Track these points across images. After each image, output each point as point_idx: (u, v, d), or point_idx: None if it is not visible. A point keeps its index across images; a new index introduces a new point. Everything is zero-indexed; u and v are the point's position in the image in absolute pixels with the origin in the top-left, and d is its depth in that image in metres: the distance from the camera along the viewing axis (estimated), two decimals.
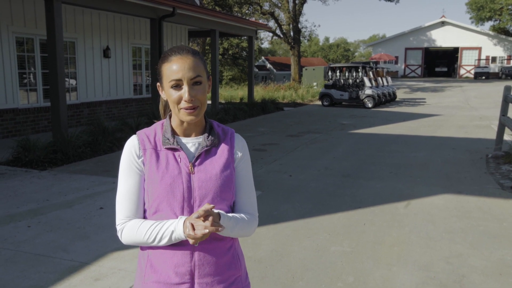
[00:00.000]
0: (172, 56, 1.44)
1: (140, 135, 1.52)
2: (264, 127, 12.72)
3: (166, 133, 1.50)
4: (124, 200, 1.48)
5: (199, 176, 1.46)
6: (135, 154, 1.48)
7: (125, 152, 1.51)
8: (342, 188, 6.17)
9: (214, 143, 1.51)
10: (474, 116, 15.55)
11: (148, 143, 1.49)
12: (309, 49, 72.02)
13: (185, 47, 1.47)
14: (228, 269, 1.50)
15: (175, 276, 1.44)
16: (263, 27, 18.73)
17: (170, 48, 1.50)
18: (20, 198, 5.53)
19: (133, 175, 1.48)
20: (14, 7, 9.91)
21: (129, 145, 1.51)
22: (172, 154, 1.48)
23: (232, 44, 40.48)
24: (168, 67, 1.43)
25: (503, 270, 3.66)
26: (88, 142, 8.33)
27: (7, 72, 9.83)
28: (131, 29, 13.66)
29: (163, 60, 1.47)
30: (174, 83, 1.42)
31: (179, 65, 1.42)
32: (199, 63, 1.45)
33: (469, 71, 42.54)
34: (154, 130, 1.53)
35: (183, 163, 1.46)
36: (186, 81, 1.41)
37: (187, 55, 1.44)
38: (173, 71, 1.42)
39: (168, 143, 1.48)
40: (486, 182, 6.47)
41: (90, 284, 3.40)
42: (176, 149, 1.48)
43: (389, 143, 9.87)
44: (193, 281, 1.45)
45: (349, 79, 20.68)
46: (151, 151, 1.48)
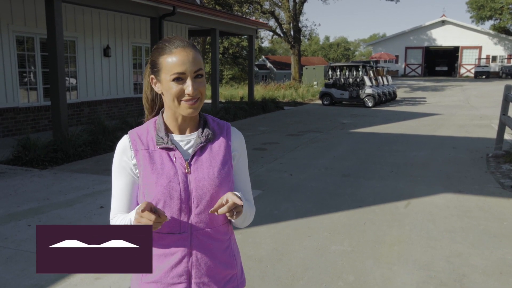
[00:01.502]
0: (172, 47, 1.40)
1: (131, 135, 1.49)
2: (264, 126, 12.72)
3: (159, 132, 1.46)
4: (115, 199, 1.49)
5: (196, 176, 1.43)
6: (127, 155, 1.46)
7: (117, 153, 1.48)
8: (342, 187, 6.17)
9: (209, 139, 1.47)
10: (475, 115, 15.54)
11: (140, 144, 1.46)
12: (310, 48, 71.99)
13: (183, 39, 1.43)
14: (225, 268, 1.50)
15: (171, 276, 1.43)
16: (263, 26, 18.73)
17: (166, 39, 1.45)
18: (21, 197, 5.53)
19: (124, 176, 1.47)
20: (15, 6, 9.90)
21: (120, 146, 1.48)
22: (167, 154, 1.44)
23: (232, 43, 40.49)
24: (169, 59, 1.39)
25: (504, 269, 3.66)
26: (89, 141, 8.33)
27: (7, 71, 9.83)
28: (132, 28, 13.66)
29: (161, 51, 1.41)
30: (176, 76, 1.38)
31: (182, 58, 1.38)
32: (199, 55, 1.43)
33: (470, 70, 42.54)
34: (147, 129, 1.49)
35: (178, 163, 1.43)
36: (189, 74, 1.38)
37: (188, 47, 1.40)
38: (176, 64, 1.37)
39: (162, 143, 1.44)
40: (486, 181, 6.46)
41: (91, 283, 3.40)
42: (170, 148, 1.44)
43: (390, 142, 9.87)
44: (190, 281, 1.44)
45: (349, 78, 20.66)
46: (144, 152, 1.44)
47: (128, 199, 1.48)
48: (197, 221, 1.42)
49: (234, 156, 1.52)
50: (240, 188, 1.55)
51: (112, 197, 1.51)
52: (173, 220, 1.42)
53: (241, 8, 30.05)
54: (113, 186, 1.50)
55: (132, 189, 1.48)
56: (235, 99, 21.06)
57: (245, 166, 1.58)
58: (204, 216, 1.43)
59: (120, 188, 1.48)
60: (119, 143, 1.49)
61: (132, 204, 1.49)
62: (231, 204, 1.33)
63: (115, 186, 1.49)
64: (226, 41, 39.58)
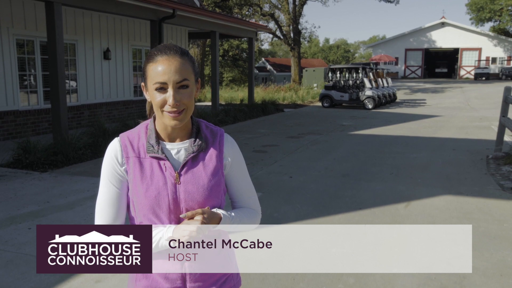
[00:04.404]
0: (158, 56, 1.35)
1: (122, 139, 1.45)
2: (264, 128, 12.72)
3: (150, 139, 1.42)
4: (105, 205, 1.43)
5: (186, 187, 1.40)
6: (118, 161, 1.42)
7: (107, 157, 1.44)
8: (342, 190, 6.17)
9: (202, 148, 1.44)
10: (475, 117, 15.54)
11: (131, 151, 1.42)
12: (309, 50, 72.07)
13: (173, 47, 1.38)
14: (220, 269, 1.49)
15: (166, 281, 1.43)
16: (263, 29, 18.74)
17: (157, 46, 1.41)
18: (21, 200, 5.53)
19: (115, 182, 1.43)
20: (15, 9, 9.92)
21: (111, 150, 1.44)
22: (157, 163, 1.41)
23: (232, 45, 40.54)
24: (153, 67, 1.35)
25: (504, 271, 3.65)
26: (89, 144, 8.33)
27: (7, 74, 9.84)
28: (131, 31, 13.68)
29: (148, 59, 1.38)
30: (158, 85, 1.34)
31: (165, 67, 1.33)
32: (187, 64, 1.37)
33: (469, 72, 42.54)
34: (138, 134, 1.45)
35: (168, 173, 1.40)
36: (171, 84, 1.33)
37: (174, 56, 1.35)
38: (158, 73, 1.33)
39: (152, 151, 1.41)
40: (486, 183, 6.46)
41: (91, 286, 3.40)
42: (161, 158, 1.41)
43: (390, 144, 9.87)
44: (184, 285, 1.44)
45: (349, 80, 20.68)
46: (134, 160, 1.41)
47: (119, 207, 1.44)
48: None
49: (225, 165, 1.49)
50: (238, 194, 1.54)
51: (99, 205, 1.45)
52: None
53: (241, 10, 30.10)
54: (102, 192, 1.44)
55: (123, 196, 1.44)
56: (235, 101, 21.07)
57: (242, 171, 1.54)
58: None
59: (111, 195, 1.43)
60: (109, 147, 1.45)
61: (121, 213, 1.44)
62: (190, 229, 1.31)
63: (104, 193, 1.44)
64: (226, 44, 39.63)
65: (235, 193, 1.55)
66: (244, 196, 1.55)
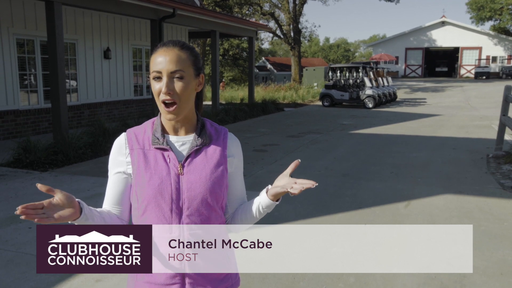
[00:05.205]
0: (159, 48, 1.43)
1: (129, 133, 1.51)
2: (264, 127, 12.72)
3: (156, 132, 1.48)
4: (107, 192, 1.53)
5: (188, 177, 1.44)
6: (122, 153, 1.49)
7: (113, 150, 1.52)
8: (342, 189, 6.17)
9: (206, 142, 1.49)
10: (475, 116, 15.54)
11: (136, 143, 1.48)
12: (310, 49, 72.04)
13: (176, 41, 1.45)
14: (219, 268, 1.51)
15: (165, 277, 1.45)
16: (263, 28, 18.74)
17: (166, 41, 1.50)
18: (21, 199, 5.53)
19: (117, 173, 1.50)
20: (15, 8, 9.92)
21: (116, 143, 1.51)
22: (161, 154, 1.46)
23: (232, 45, 40.52)
24: (154, 58, 1.42)
25: (504, 270, 3.66)
26: (89, 143, 8.33)
27: (7, 74, 9.84)
28: (132, 30, 13.68)
29: (152, 51, 1.47)
30: (155, 74, 1.41)
31: (162, 56, 1.40)
32: (185, 57, 1.42)
33: (470, 71, 42.52)
34: (144, 129, 1.51)
35: (172, 164, 1.44)
36: (165, 73, 1.39)
37: (173, 47, 1.42)
38: (156, 63, 1.41)
39: (157, 143, 1.46)
40: (486, 182, 6.46)
41: (91, 285, 3.40)
42: (165, 149, 1.46)
43: (390, 144, 9.87)
44: (183, 281, 1.46)
45: (349, 80, 20.67)
46: (139, 151, 1.46)
47: (118, 194, 1.50)
48: (188, 222, 1.43)
49: (230, 162, 1.53)
50: (236, 194, 1.58)
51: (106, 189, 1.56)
52: (164, 220, 1.42)
53: (241, 9, 30.08)
54: (108, 180, 1.54)
55: (124, 186, 1.50)
56: (235, 100, 21.07)
57: (241, 172, 1.60)
58: (195, 217, 1.44)
59: (112, 183, 1.51)
60: (115, 141, 1.52)
61: (122, 201, 1.51)
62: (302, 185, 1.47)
63: (109, 181, 1.53)
64: (226, 43, 39.60)
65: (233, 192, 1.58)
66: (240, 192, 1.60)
